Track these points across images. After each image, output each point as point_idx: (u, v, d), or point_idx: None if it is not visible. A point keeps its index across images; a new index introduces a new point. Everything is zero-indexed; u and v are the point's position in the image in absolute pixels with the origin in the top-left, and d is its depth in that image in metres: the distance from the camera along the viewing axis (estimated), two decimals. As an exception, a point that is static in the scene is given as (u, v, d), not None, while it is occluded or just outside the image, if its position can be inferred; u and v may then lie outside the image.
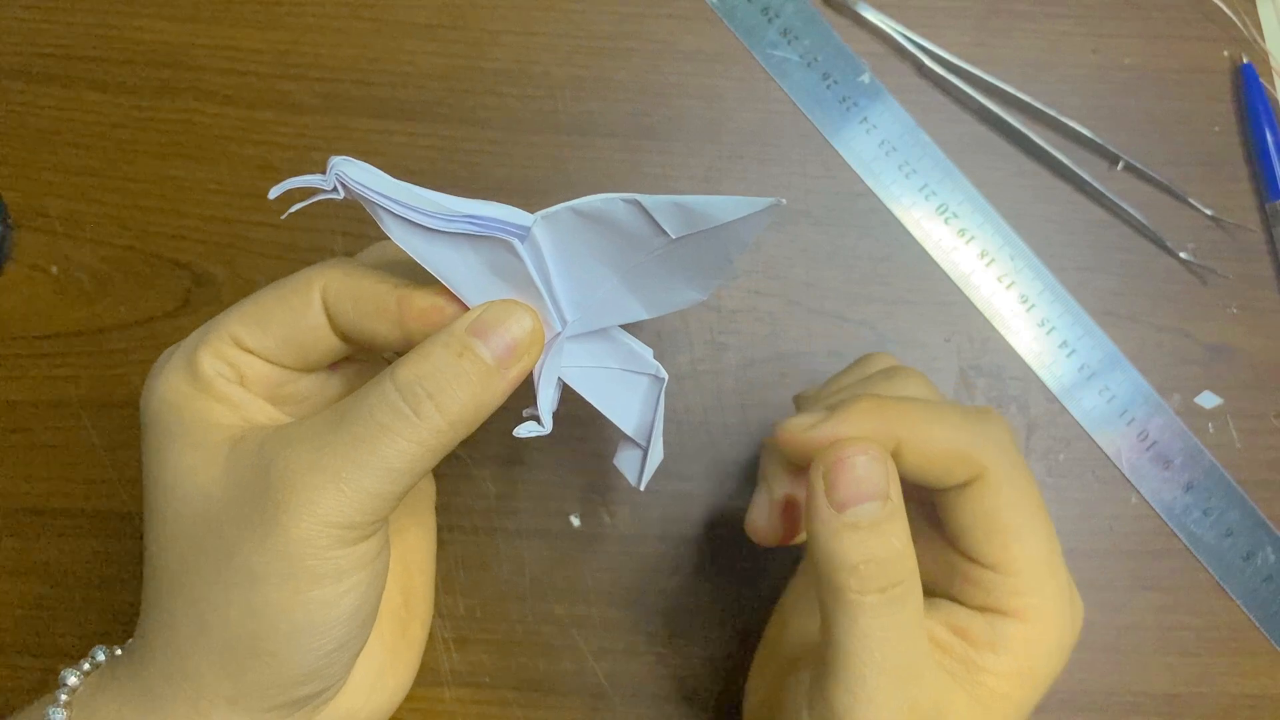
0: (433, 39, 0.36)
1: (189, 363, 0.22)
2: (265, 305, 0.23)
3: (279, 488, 0.20)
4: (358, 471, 0.20)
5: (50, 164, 0.35)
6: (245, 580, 0.21)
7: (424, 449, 0.21)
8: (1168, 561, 0.34)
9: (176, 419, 0.22)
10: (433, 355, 0.21)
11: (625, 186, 0.36)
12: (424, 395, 0.21)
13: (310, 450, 0.21)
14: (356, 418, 0.21)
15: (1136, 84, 0.37)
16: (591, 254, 0.22)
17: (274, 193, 0.21)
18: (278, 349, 0.23)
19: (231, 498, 0.21)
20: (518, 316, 0.22)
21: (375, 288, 0.22)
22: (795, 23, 0.37)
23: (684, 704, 0.32)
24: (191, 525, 0.22)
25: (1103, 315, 0.35)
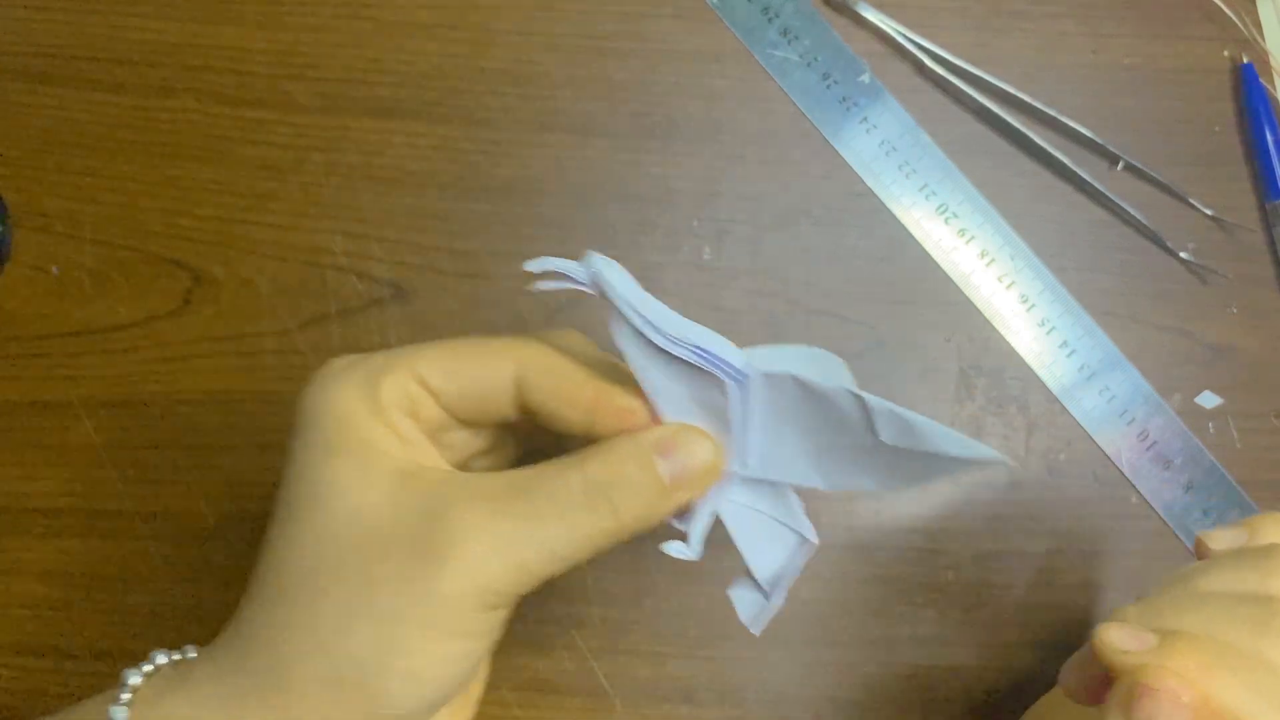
0: (433, 39, 0.36)
1: (370, 383, 0.23)
2: (458, 356, 0.23)
3: (447, 538, 0.21)
4: (526, 546, 0.21)
5: (50, 164, 0.35)
6: (384, 616, 0.21)
7: (589, 543, 0.22)
8: (1168, 562, 0.34)
9: (345, 433, 0.22)
10: (620, 462, 0.22)
11: (625, 186, 0.36)
12: (604, 496, 0.22)
13: (487, 513, 0.21)
14: (539, 495, 0.22)
15: (1136, 84, 0.37)
16: (795, 419, 0.23)
17: (532, 266, 0.22)
18: (456, 399, 0.23)
19: (390, 531, 0.21)
20: (704, 448, 0.23)
21: (574, 375, 0.23)
22: (795, 23, 0.37)
23: (684, 704, 0.32)
24: (336, 544, 0.21)
25: (1103, 315, 0.35)
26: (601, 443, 0.23)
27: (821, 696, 0.32)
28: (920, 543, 0.34)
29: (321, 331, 0.34)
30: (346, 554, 0.21)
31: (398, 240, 0.35)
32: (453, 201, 0.35)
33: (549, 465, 0.22)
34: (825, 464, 0.23)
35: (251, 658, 0.22)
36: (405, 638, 0.21)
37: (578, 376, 0.23)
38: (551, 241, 0.35)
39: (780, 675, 0.32)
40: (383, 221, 0.35)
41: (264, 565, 0.22)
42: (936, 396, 0.35)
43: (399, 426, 0.23)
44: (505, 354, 0.23)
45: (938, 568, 0.33)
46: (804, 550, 0.25)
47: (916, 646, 0.33)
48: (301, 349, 0.34)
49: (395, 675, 0.21)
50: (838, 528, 0.34)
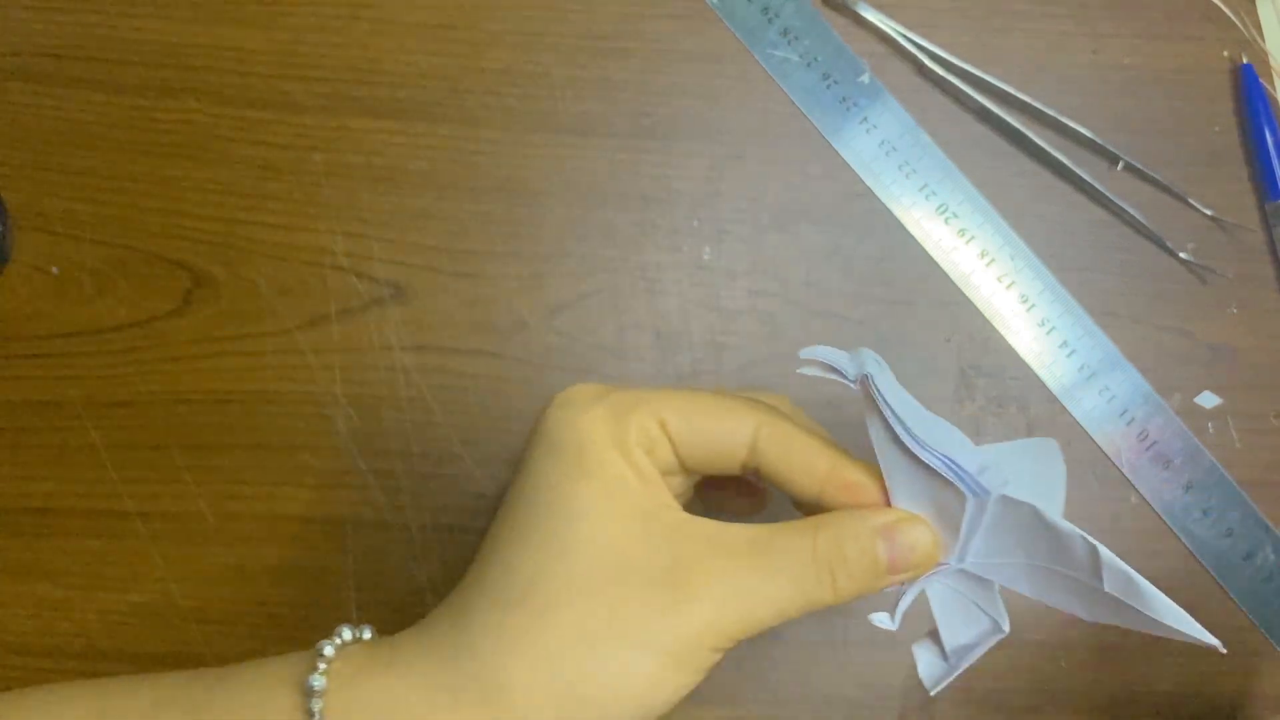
0: (433, 39, 0.36)
1: (618, 418, 0.24)
2: (701, 408, 0.25)
3: (697, 581, 0.23)
4: (759, 600, 0.23)
5: (50, 164, 0.35)
6: (628, 642, 0.22)
7: (806, 604, 0.24)
8: (1167, 561, 0.34)
9: (595, 461, 0.23)
10: (846, 544, 0.24)
11: (625, 186, 0.36)
12: (828, 571, 0.23)
13: (732, 566, 0.23)
14: (777, 557, 0.23)
15: (1136, 84, 0.37)
16: (1022, 541, 0.24)
17: (806, 354, 0.24)
18: (690, 449, 0.25)
19: (640, 565, 0.23)
20: (924, 538, 0.24)
21: (810, 446, 0.25)
22: (795, 23, 0.37)
23: (684, 703, 0.32)
24: (582, 565, 0.23)
25: (1103, 315, 0.35)
26: (832, 514, 0.24)
27: (821, 696, 0.32)
28: (920, 543, 0.34)
29: (321, 331, 0.34)
30: (593, 576, 0.22)
31: (398, 240, 0.35)
32: (453, 201, 0.35)
33: (785, 529, 0.24)
34: (1036, 579, 0.24)
35: (474, 655, 0.22)
36: (644, 665, 0.22)
37: (813, 447, 0.25)
38: (552, 241, 0.35)
39: (780, 675, 0.32)
40: (383, 221, 0.35)
41: (495, 569, 0.23)
42: (936, 396, 0.35)
43: (640, 463, 0.24)
44: (745, 415, 0.25)
45: (938, 568, 0.34)
46: (995, 636, 0.26)
47: (916, 646, 0.33)
48: (301, 349, 0.34)
49: (627, 699, 0.22)
50: (838, 528, 0.34)
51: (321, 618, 0.32)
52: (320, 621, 0.32)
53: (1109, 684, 0.33)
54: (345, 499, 0.33)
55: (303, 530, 0.33)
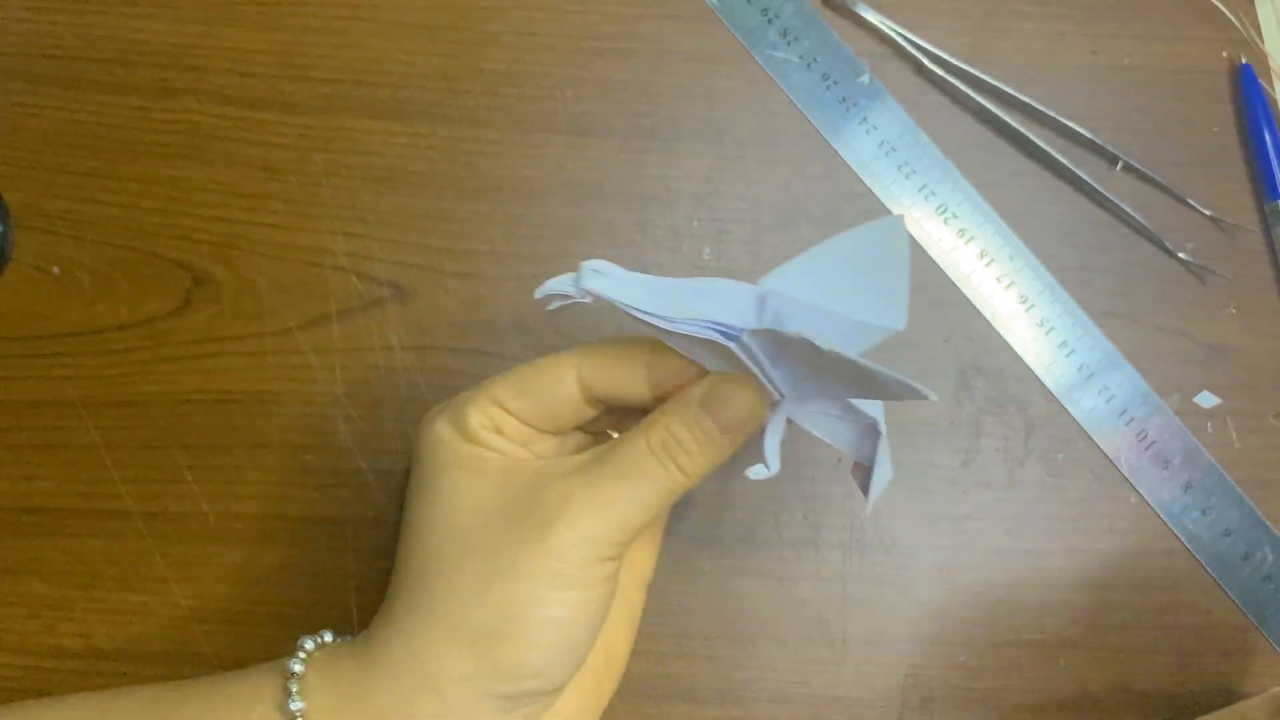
0: (433, 39, 0.36)
1: (458, 416, 0.26)
2: (526, 376, 0.27)
3: (553, 506, 0.25)
4: (617, 500, 0.25)
5: (51, 164, 0.35)
6: (511, 574, 0.24)
7: (667, 490, 0.25)
8: (1166, 561, 0.34)
9: (452, 453, 0.26)
10: (673, 427, 0.25)
11: (625, 186, 0.36)
12: (668, 456, 0.25)
13: (581, 482, 0.25)
14: (619, 460, 0.25)
15: (1135, 84, 0.37)
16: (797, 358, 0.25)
17: (539, 293, 0.25)
18: (533, 412, 0.27)
19: (505, 510, 0.25)
20: (741, 394, 0.25)
21: (625, 360, 0.26)
22: (795, 23, 0.37)
23: (684, 703, 0.32)
24: (462, 530, 0.25)
25: (1102, 315, 0.35)
26: (657, 410, 0.26)
27: (821, 696, 0.32)
28: (921, 542, 0.34)
29: (322, 331, 0.34)
30: (472, 535, 0.25)
31: (398, 240, 0.35)
32: (453, 201, 0.35)
33: (624, 437, 0.26)
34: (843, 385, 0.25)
35: (405, 633, 0.25)
36: (535, 589, 0.24)
37: (628, 355, 0.26)
38: (552, 241, 0.35)
39: (779, 673, 0.33)
40: (383, 221, 0.35)
41: (401, 567, 0.26)
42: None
43: (491, 442, 0.26)
44: (564, 366, 0.26)
45: (935, 567, 0.34)
46: (876, 437, 0.26)
47: (917, 645, 0.33)
48: (302, 349, 0.34)
49: (530, 624, 0.24)
50: (837, 528, 0.34)
51: (321, 618, 0.32)
52: (320, 621, 0.32)
53: (1109, 684, 0.33)
54: (345, 499, 0.33)
55: (303, 530, 0.33)
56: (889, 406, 0.27)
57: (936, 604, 0.33)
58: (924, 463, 0.34)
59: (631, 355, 0.26)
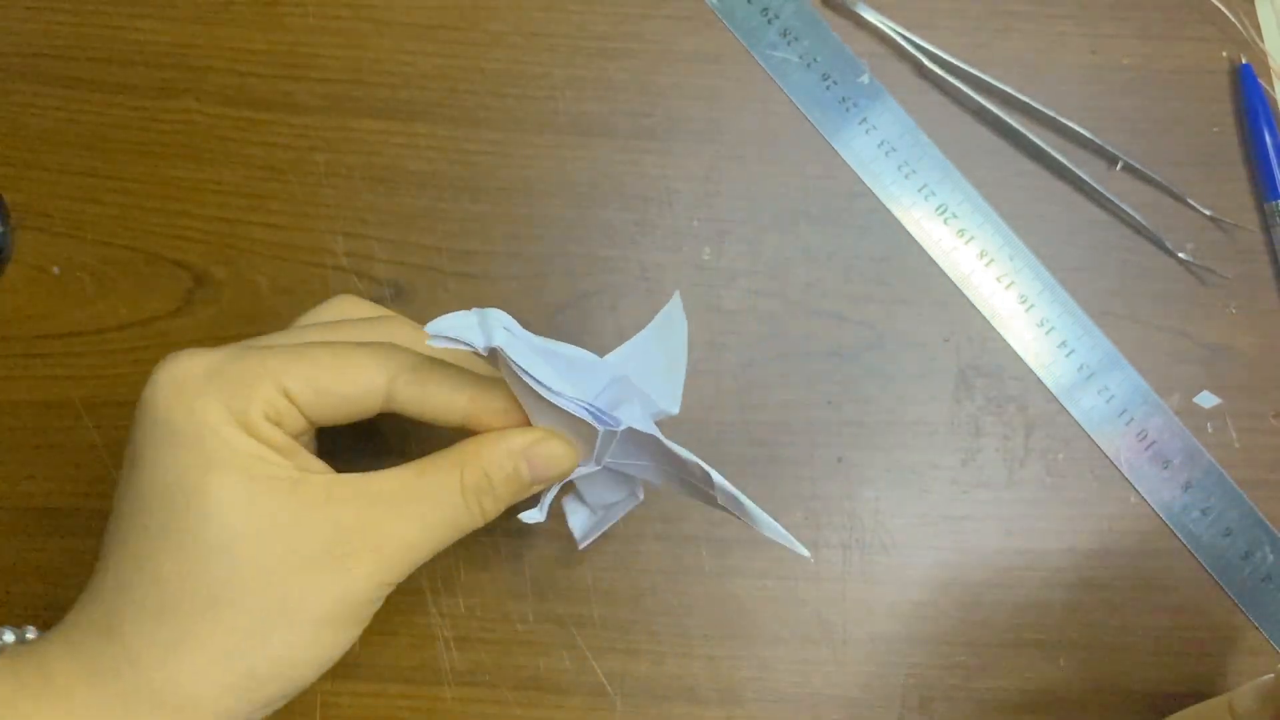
0: (433, 39, 0.36)
1: (237, 396, 0.23)
2: (327, 372, 0.24)
3: (350, 541, 0.23)
4: (415, 542, 0.24)
5: (51, 164, 0.35)
6: (297, 617, 0.23)
7: (459, 533, 0.25)
8: (1166, 561, 0.34)
9: (221, 447, 0.22)
10: (493, 473, 0.24)
11: (625, 186, 0.36)
12: (477, 499, 0.24)
13: (382, 513, 0.23)
14: (426, 500, 0.24)
15: (1135, 84, 0.37)
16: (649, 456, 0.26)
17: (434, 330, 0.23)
18: (319, 409, 0.24)
19: (294, 536, 0.23)
20: (563, 457, 0.25)
21: (447, 384, 0.25)
22: (795, 23, 0.37)
23: (684, 703, 0.32)
24: (243, 556, 0.22)
25: (1102, 315, 0.35)
26: (475, 443, 0.25)
27: (821, 696, 0.32)
28: (920, 542, 0.34)
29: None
30: (254, 564, 0.22)
31: (398, 240, 0.35)
32: (453, 201, 0.35)
33: (431, 467, 0.24)
34: (664, 478, 0.27)
35: (138, 668, 0.22)
36: (320, 634, 0.23)
37: (450, 383, 0.25)
38: (552, 241, 0.35)
39: (779, 673, 0.33)
40: (383, 221, 0.35)
41: (137, 575, 0.22)
42: (935, 396, 0.35)
43: (271, 437, 0.23)
44: (375, 368, 0.24)
45: (935, 566, 0.34)
46: (632, 501, 0.29)
47: (917, 645, 0.33)
48: (302, 349, 0.34)
49: (304, 666, 0.23)
50: (837, 528, 0.34)
51: (322, 617, 0.32)
52: (321, 621, 0.32)
53: (1109, 684, 0.33)
54: (345, 499, 0.33)
55: (303, 530, 0.33)
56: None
57: (936, 604, 0.33)
58: (924, 463, 0.34)
59: (456, 382, 0.25)
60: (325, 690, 0.31)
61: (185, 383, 0.23)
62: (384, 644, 0.32)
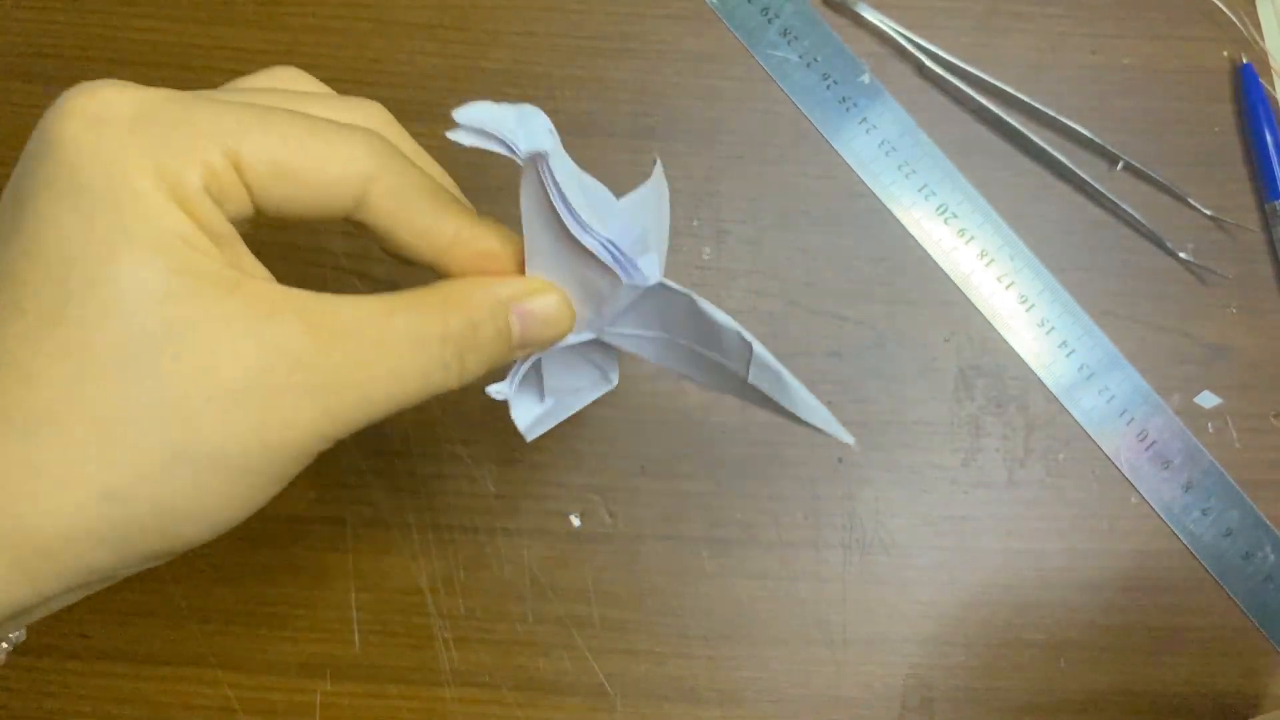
0: (433, 39, 0.36)
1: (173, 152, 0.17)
2: (292, 144, 0.19)
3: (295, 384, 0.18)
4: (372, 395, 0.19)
5: (50, 164, 0.35)
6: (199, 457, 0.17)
7: (427, 392, 0.20)
8: (1167, 561, 0.34)
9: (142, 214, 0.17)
10: (483, 325, 0.20)
11: (625, 186, 0.36)
12: (459, 355, 0.20)
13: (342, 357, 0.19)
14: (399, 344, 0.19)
15: (1136, 84, 0.37)
16: (671, 323, 0.22)
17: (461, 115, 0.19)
18: (272, 194, 0.19)
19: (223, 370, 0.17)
20: (559, 312, 0.21)
21: (434, 207, 0.20)
22: (795, 23, 0.37)
23: (684, 704, 0.32)
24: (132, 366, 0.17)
25: (1102, 315, 0.35)
26: (459, 286, 0.20)
27: (821, 696, 0.32)
28: (921, 542, 0.34)
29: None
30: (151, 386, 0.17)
31: (398, 240, 0.35)
32: (453, 201, 0.35)
33: (408, 305, 0.20)
34: (671, 354, 0.23)
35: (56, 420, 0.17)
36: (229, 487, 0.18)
37: (437, 205, 0.20)
38: (551, 241, 0.35)
39: (779, 674, 0.33)
40: (383, 221, 0.35)
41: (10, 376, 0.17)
42: (936, 396, 0.35)
43: (209, 219, 0.18)
44: (355, 151, 0.19)
45: (935, 567, 0.34)
46: (603, 386, 0.25)
47: (917, 645, 0.33)
48: (302, 349, 0.34)
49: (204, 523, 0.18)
50: (838, 528, 0.34)
51: (321, 617, 0.32)
52: (320, 621, 0.32)
53: (1109, 684, 0.33)
54: (345, 499, 0.33)
55: (303, 530, 0.33)
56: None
57: (937, 604, 0.33)
58: (924, 463, 0.34)
59: (446, 205, 0.20)
60: (325, 691, 0.31)
61: (106, 123, 0.17)
62: (383, 644, 0.32)
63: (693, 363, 0.23)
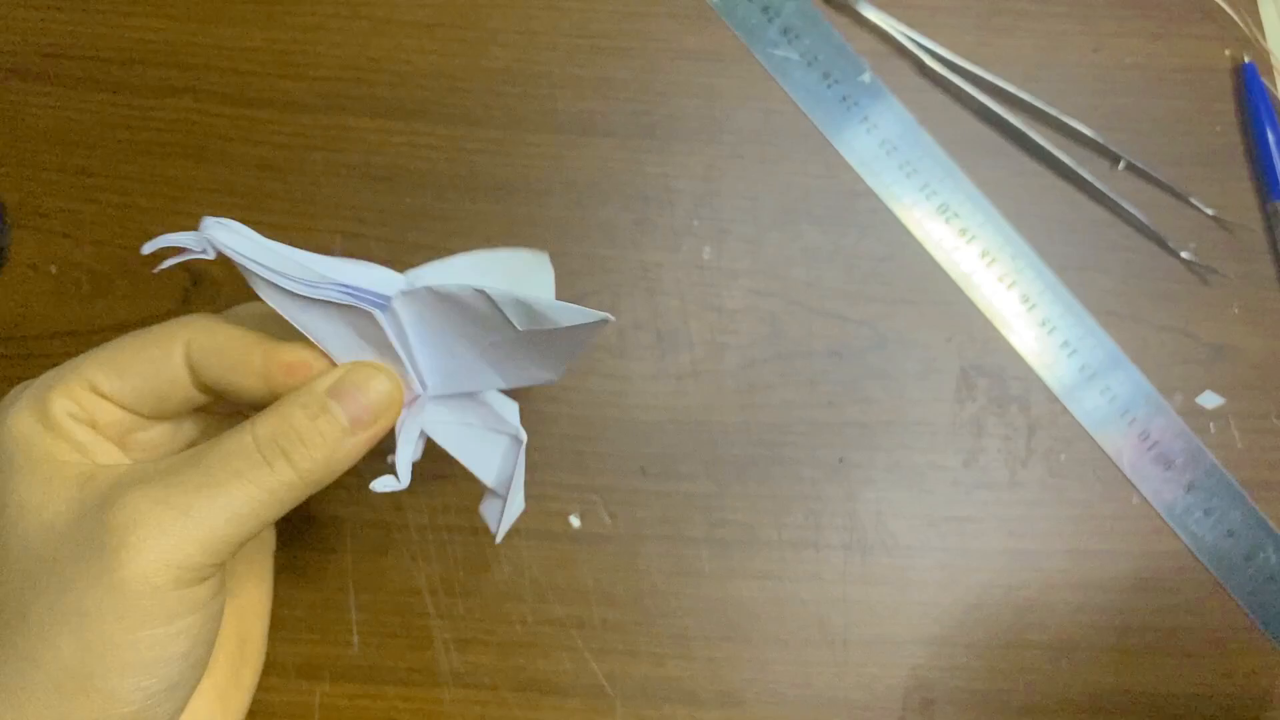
0: (433, 38, 0.36)
1: (39, 402, 0.22)
2: (126, 353, 0.23)
3: (122, 523, 0.20)
4: (205, 511, 0.21)
5: (49, 164, 0.35)
6: (77, 617, 0.20)
7: (273, 499, 0.22)
8: (1168, 562, 0.34)
9: (24, 455, 0.22)
10: (293, 415, 0.22)
11: (625, 186, 0.36)
12: (278, 451, 0.22)
13: (160, 487, 0.21)
14: (212, 461, 0.21)
15: (1138, 83, 0.37)
16: (449, 329, 0.23)
17: (146, 248, 0.21)
18: (133, 397, 0.23)
19: (74, 533, 0.21)
20: (377, 382, 0.23)
21: (241, 342, 0.23)
22: (795, 22, 0.37)
23: (684, 705, 0.32)
24: (30, 559, 0.21)
25: (1104, 315, 0.35)
26: (271, 404, 0.23)
27: (822, 698, 0.32)
28: (922, 543, 0.34)
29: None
30: (40, 568, 0.21)
31: (396, 239, 0.35)
32: (452, 201, 0.35)
33: (224, 435, 0.22)
34: (495, 364, 0.24)
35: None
36: (106, 633, 0.20)
37: (245, 343, 0.23)
38: (552, 241, 0.35)
39: (780, 675, 0.32)
40: (381, 220, 0.35)
41: None
42: (937, 396, 0.35)
43: (76, 436, 0.22)
44: (171, 338, 0.23)
45: (937, 567, 0.33)
46: (516, 447, 0.25)
47: (918, 646, 0.33)
48: (301, 349, 0.34)
49: (110, 673, 0.21)
50: (838, 529, 0.33)
51: (321, 618, 0.32)
52: (320, 621, 0.32)
53: (1109, 684, 0.33)
54: (345, 499, 0.33)
55: (303, 530, 0.33)
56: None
57: (938, 605, 0.33)
58: (925, 463, 0.34)
59: (247, 338, 0.23)
60: (324, 692, 0.31)
61: (4, 406, 0.23)
62: (383, 645, 0.32)
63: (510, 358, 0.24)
